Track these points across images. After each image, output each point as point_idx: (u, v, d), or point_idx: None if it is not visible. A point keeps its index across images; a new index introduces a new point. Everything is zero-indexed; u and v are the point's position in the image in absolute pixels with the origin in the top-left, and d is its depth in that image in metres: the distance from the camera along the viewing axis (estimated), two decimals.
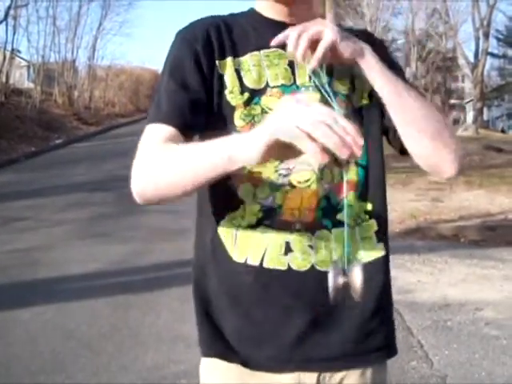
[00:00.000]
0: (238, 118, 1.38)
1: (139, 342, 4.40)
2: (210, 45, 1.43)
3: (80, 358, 4.11)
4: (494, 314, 5.10)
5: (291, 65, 1.43)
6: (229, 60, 1.43)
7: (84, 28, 31.61)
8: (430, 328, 4.79)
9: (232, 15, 1.52)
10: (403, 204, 9.50)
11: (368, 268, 1.39)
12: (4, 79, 23.22)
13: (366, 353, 1.46)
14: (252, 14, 1.50)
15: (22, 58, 32.45)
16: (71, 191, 10.65)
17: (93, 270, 6.03)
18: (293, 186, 1.37)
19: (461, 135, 25.64)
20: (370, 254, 1.46)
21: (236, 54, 1.43)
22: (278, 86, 1.41)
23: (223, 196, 1.42)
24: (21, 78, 32.11)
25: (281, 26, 1.41)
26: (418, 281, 5.94)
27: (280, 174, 1.37)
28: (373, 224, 1.46)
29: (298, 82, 1.42)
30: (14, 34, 25.61)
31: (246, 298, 1.42)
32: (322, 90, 1.39)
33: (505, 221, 8.43)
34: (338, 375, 1.43)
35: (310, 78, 1.42)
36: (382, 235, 1.49)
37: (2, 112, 20.19)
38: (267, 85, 1.41)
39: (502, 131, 39.18)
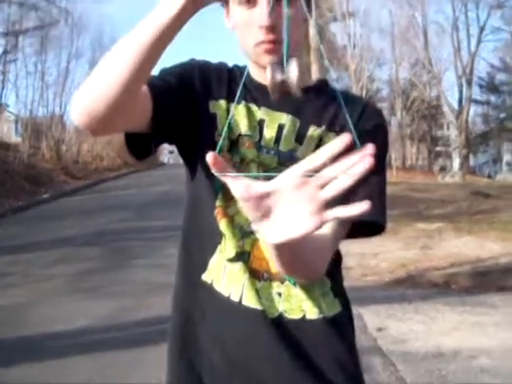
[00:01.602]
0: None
1: None
2: (213, 80, 1.52)
3: None
4: (489, 361, 5.04)
5: (261, 124, 1.46)
6: (223, 102, 1.48)
7: (72, 83, 31.86)
8: (424, 377, 4.73)
9: (236, 66, 1.58)
10: (393, 253, 9.49)
11: (330, 323, 1.43)
12: None
13: None
14: (246, 71, 1.52)
15: (10, 112, 32.62)
16: (59, 246, 10.55)
17: (79, 326, 5.93)
18: None
19: (448, 182, 25.83)
20: (331, 308, 1.49)
21: (230, 100, 1.48)
22: (248, 136, 1.44)
23: (209, 230, 1.46)
24: (8, 132, 32.20)
25: (266, 91, 1.46)
26: (410, 330, 5.89)
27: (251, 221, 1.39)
28: (326, 280, 1.48)
29: (263, 143, 1.45)
30: (3, 88, 25.86)
31: (228, 335, 1.45)
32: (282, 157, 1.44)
33: (495, 266, 8.42)
34: None
35: (274, 142, 1.45)
36: (338, 291, 1.52)
37: None
38: (240, 133, 1.45)
39: (489, 177, 39.49)
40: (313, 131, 1.46)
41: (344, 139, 0.90)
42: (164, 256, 8.79)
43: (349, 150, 0.91)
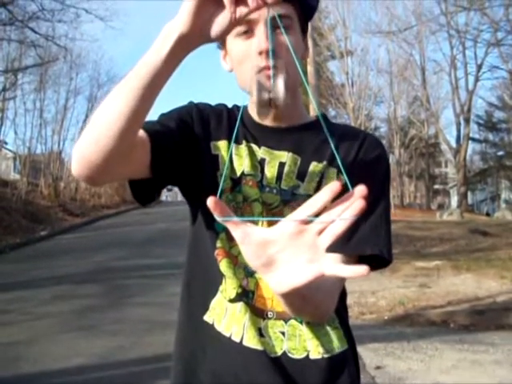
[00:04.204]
0: (223, 202, 1.42)
1: None
2: (212, 121, 1.54)
3: None
4: None
5: (262, 163, 1.48)
6: (224, 143, 1.50)
7: (70, 120, 32.10)
8: None
9: (236, 106, 1.60)
10: (392, 291, 9.46)
11: (335, 360, 1.42)
12: None
13: None
14: (246, 111, 1.56)
15: (8, 150, 32.70)
16: (57, 283, 10.50)
17: (76, 364, 5.88)
18: None
19: (446, 220, 25.81)
20: (341, 344, 1.49)
21: (230, 141, 1.48)
22: (251, 175, 1.46)
23: (211, 271, 1.47)
24: (7, 169, 32.31)
25: (265, 130, 1.48)
26: (408, 368, 5.84)
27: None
28: (334, 316, 1.48)
29: (265, 182, 1.47)
30: (1, 125, 26.00)
31: (229, 376, 1.45)
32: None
33: (493, 304, 8.38)
34: None
35: (276, 180, 1.46)
36: (345, 327, 1.52)
37: None
38: (243, 173, 1.46)
39: (487, 214, 39.45)
40: (314, 167, 1.48)
41: (332, 188, 0.92)
42: (161, 294, 8.77)
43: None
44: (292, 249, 0.94)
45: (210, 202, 0.90)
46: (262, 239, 0.94)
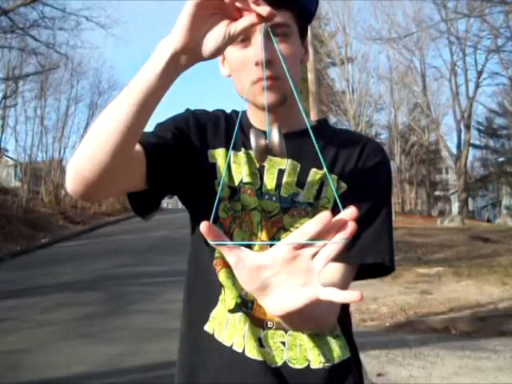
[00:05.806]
0: (221, 210, 1.44)
1: None
2: (209, 129, 1.53)
3: None
4: None
5: (261, 170, 1.47)
6: (222, 151, 1.49)
7: (71, 128, 32.09)
8: None
9: (234, 111, 1.59)
10: (393, 298, 9.44)
11: (337, 369, 1.41)
12: None
13: None
14: (245, 117, 1.55)
15: (9, 157, 32.73)
16: (57, 291, 10.49)
17: (77, 372, 5.86)
18: None
19: (447, 226, 25.79)
20: (343, 352, 1.47)
21: (229, 148, 1.48)
22: (249, 183, 1.44)
23: (211, 282, 1.46)
24: (8, 176, 32.31)
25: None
26: (410, 375, 5.82)
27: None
28: (336, 324, 1.47)
29: (264, 189, 1.46)
30: (2, 133, 26.04)
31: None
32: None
33: (495, 311, 8.36)
34: None
35: (275, 188, 1.45)
36: (348, 336, 1.51)
37: None
38: (241, 181, 1.44)
39: (488, 221, 39.43)
40: (314, 174, 1.46)
41: (321, 219, 0.91)
42: (162, 302, 8.76)
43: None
44: (286, 273, 0.94)
45: (203, 226, 0.89)
46: (256, 264, 0.94)
